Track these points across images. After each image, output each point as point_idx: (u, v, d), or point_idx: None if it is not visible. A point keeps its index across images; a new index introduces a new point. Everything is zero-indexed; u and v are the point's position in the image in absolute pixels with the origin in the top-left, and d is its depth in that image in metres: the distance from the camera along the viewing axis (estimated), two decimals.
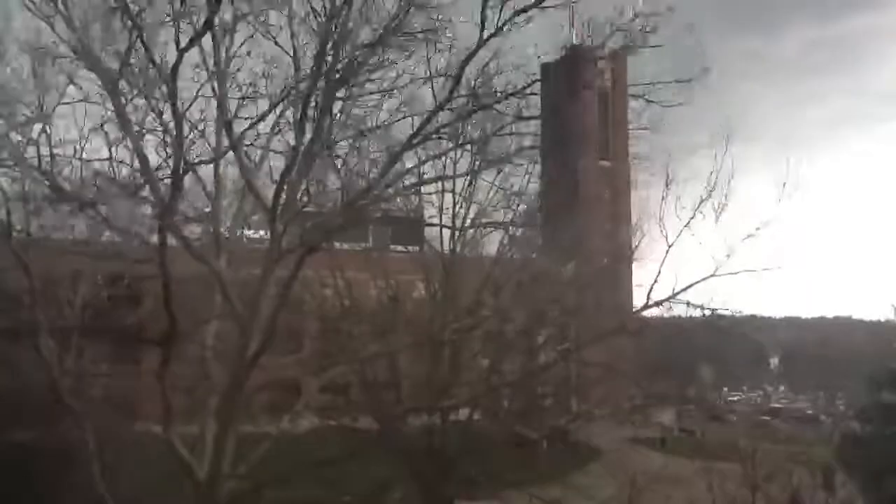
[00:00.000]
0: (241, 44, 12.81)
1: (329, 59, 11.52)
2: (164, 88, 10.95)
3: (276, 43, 12.28)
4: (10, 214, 15.26)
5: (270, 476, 13.46)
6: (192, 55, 12.68)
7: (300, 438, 18.35)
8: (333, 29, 11.33)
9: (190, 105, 12.23)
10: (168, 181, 11.45)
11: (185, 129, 13.27)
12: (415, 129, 12.33)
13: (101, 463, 17.94)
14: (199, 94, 13.02)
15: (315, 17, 11.56)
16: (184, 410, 16.69)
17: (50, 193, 13.57)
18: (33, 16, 11.23)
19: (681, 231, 14.29)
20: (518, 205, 22.73)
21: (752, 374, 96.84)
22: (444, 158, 17.91)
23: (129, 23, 10.36)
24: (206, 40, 12.36)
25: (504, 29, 11.49)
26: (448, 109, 12.46)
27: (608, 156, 48.83)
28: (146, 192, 12.16)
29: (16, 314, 17.83)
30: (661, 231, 14.95)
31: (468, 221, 22.70)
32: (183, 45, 10.88)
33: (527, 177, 22.64)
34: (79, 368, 20.14)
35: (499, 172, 21.18)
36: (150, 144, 12.06)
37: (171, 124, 11.23)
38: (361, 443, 16.70)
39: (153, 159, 11.82)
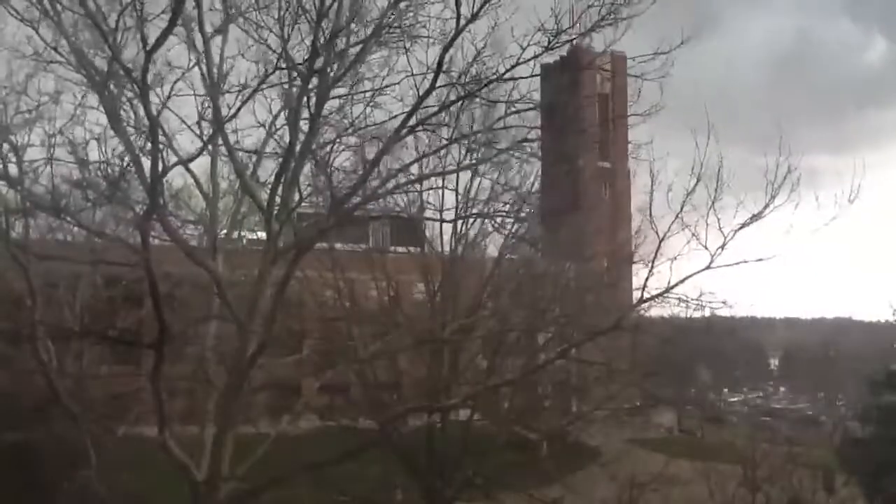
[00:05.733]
0: (216, 33, 12.77)
1: (320, 57, 11.48)
2: (137, 90, 10.91)
3: (267, 46, 12.27)
4: (9, 217, 15.27)
5: (270, 477, 13.45)
6: (185, 55, 12.78)
7: (300, 439, 18.35)
8: (323, 28, 11.30)
9: (168, 98, 12.20)
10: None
11: (182, 129, 13.37)
12: (402, 121, 12.27)
13: (100, 464, 17.97)
14: (193, 93, 13.10)
15: (305, 15, 11.53)
16: (183, 412, 16.70)
17: (26, 203, 13.68)
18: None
19: (671, 224, 14.09)
20: (518, 204, 22.70)
21: (752, 374, 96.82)
22: (443, 156, 17.90)
23: (94, 25, 10.29)
24: (198, 39, 12.41)
25: (480, 14, 11.32)
26: (438, 104, 12.40)
27: (608, 156, 48.80)
28: (130, 194, 12.14)
29: (15, 316, 17.83)
30: (652, 225, 14.79)
31: (468, 220, 22.71)
32: (177, 48, 10.92)
33: (526, 176, 22.67)
34: (78, 370, 20.15)
35: (499, 173, 21.20)
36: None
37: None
38: (361, 443, 16.67)
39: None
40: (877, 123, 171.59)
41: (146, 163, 10.94)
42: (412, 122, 12.32)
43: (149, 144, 10.87)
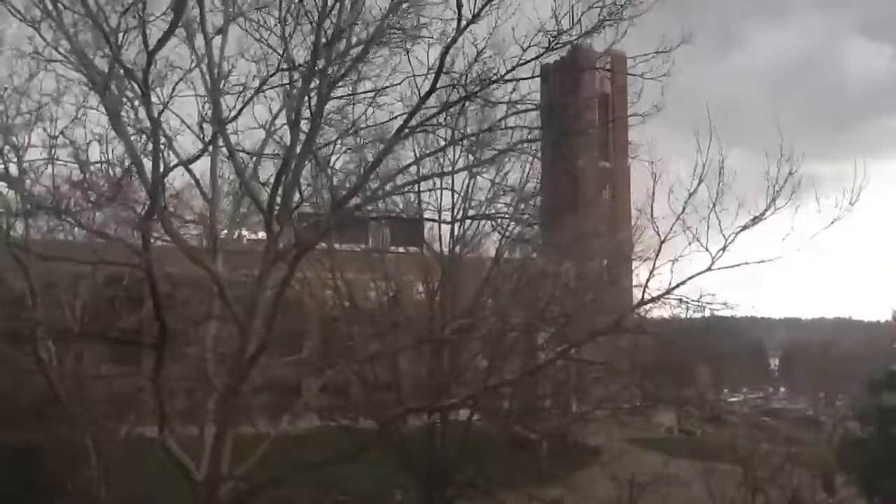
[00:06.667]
0: (217, 33, 12.78)
1: (322, 58, 11.48)
2: (138, 91, 10.92)
3: (269, 46, 12.29)
4: (10, 217, 15.29)
5: (270, 477, 13.45)
6: (186, 56, 12.79)
7: (300, 439, 18.35)
8: (325, 28, 11.30)
9: (169, 99, 12.22)
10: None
11: (183, 130, 13.39)
12: (402, 123, 12.26)
13: (101, 465, 17.98)
14: (195, 94, 13.12)
15: (307, 16, 11.54)
16: (183, 412, 16.70)
17: (26, 204, 13.72)
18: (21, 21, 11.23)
19: (673, 224, 14.08)
20: (518, 203, 22.72)
21: (752, 374, 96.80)
22: (442, 157, 17.91)
23: (95, 26, 10.29)
24: (199, 40, 12.44)
25: (481, 15, 11.30)
26: (438, 104, 12.40)
27: (608, 156, 48.85)
28: (131, 195, 12.17)
29: (15, 317, 17.84)
30: (653, 226, 14.79)
31: (467, 220, 22.72)
32: (178, 49, 10.92)
33: (526, 176, 22.68)
34: (78, 370, 20.16)
35: (498, 171, 21.20)
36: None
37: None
38: (361, 444, 16.67)
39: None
40: (884, 128, 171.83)
41: (147, 163, 10.96)
42: (413, 122, 12.32)
43: (150, 145, 10.88)
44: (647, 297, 14.77)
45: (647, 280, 14.59)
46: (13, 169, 14.35)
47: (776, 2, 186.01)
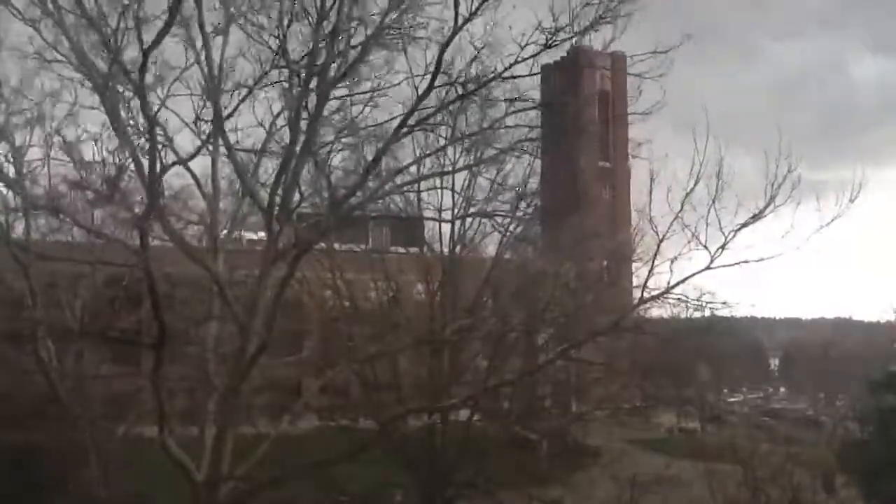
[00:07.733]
0: (216, 33, 12.79)
1: (321, 59, 11.49)
2: (135, 89, 10.92)
3: (268, 47, 12.30)
4: (10, 218, 15.30)
5: (270, 477, 13.45)
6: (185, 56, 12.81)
7: (300, 439, 18.35)
8: (324, 29, 11.31)
9: (166, 97, 12.21)
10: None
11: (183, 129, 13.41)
12: (400, 122, 12.28)
13: (101, 465, 17.97)
14: (191, 93, 13.14)
15: (306, 17, 11.56)
16: (183, 412, 16.71)
17: (24, 203, 13.73)
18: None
19: (671, 223, 14.07)
20: (518, 204, 22.73)
21: (752, 374, 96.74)
22: (442, 156, 17.90)
23: (93, 26, 10.30)
24: (198, 40, 12.44)
25: (479, 12, 11.31)
26: (437, 103, 12.40)
27: (608, 156, 48.92)
28: (129, 194, 12.18)
29: (15, 317, 17.84)
30: (652, 225, 14.80)
31: (467, 219, 22.73)
32: (177, 50, 10.95)
33: (526, 176, 22.67)
34: (78, 370, 20.16)
35: (498, 172, 21.21)
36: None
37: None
38: (361, 444, 16.67)
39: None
40: (885, 137, 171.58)
41: (145, 162, 10.96)
42: (411, 121, 12.33)
43: (148, 144, 10.89)
44: (646, 296, 14.77)
45: (647, 279, 14.60)
46: (11, 170, 14.34)
47: (785, 15, 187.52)
